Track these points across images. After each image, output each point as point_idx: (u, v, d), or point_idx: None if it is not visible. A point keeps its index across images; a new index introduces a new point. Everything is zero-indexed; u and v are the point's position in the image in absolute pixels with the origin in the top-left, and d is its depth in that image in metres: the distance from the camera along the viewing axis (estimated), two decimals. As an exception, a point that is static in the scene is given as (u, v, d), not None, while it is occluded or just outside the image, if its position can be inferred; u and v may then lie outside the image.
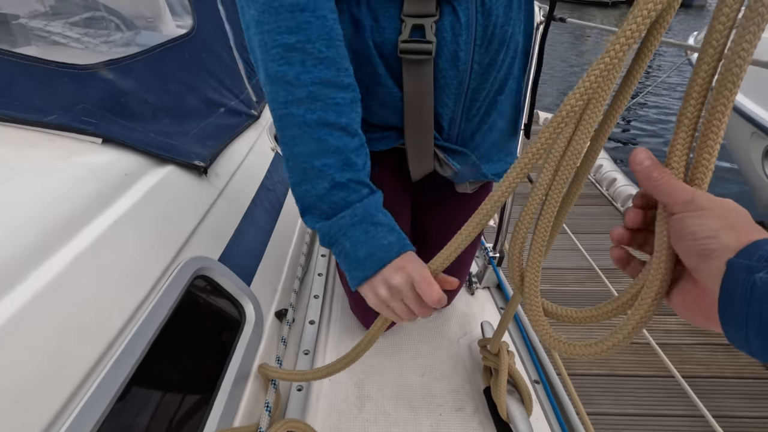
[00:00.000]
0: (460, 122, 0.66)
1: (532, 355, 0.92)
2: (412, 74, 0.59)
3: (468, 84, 0.61)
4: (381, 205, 0.57)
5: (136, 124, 0.84)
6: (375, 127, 0.69)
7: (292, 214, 1.19)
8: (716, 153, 0.36)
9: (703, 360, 1.83)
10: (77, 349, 0.53)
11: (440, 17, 0.56)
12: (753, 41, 0.31)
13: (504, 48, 0.61)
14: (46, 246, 0.55)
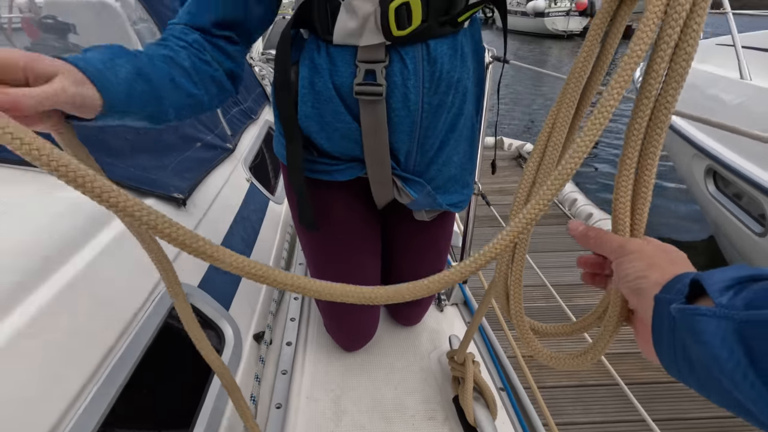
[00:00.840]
0: (416, 156, 0.75)
1: (497, 365, 0.99)
2: (367, 112, 0.68)
3: (420, 122, 0.70)
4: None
5: (116, 160, 0.89)
6: (340, 159, 0.76)
7: (267, 240, 1.24)
8: (649, 198, 0.43)
9: (661, 367, 1.94)
10: (66, 373, 0.56)
11: (389, 63, 0.65)
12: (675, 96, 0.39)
13: (452, 91, 0.70)
14: (33, 278, 0.59)
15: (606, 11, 0.44)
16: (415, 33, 0.62)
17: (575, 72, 0.47)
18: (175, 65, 0.54)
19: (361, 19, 0.61)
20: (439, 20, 0.63)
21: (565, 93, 0.49)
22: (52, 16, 1.44)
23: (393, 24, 0.60)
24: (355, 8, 0.60)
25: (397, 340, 1.06)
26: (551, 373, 1.90)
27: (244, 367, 0.85)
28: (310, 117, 0.71)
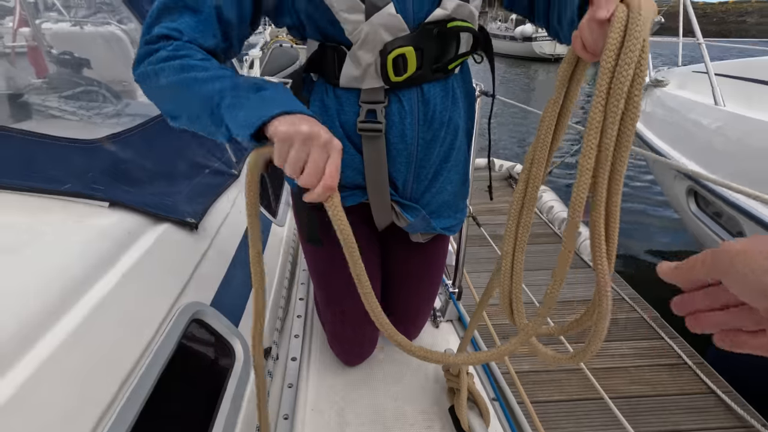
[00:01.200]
0: (412, 184, 0.83)
1: (489, 377, 1.05)
2: (369, 146, 0.77)
3: (416, 155, 0.79)
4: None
5: (136, 188, 0.96)
6: (345, 187, 0.85)
7: (271, 260, 1.31)
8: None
9: (650, 380, 2.01)
10: (95, 388, 0.62)
11: (388, 104, 0.74)
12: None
13: (444, 128, 0.79)
14: (66, 299, 0.65)
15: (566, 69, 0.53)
16: (411, 78, 0.71)
17: (546, 118, 0.56)
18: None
19: (363, 67, 0.70)
20: (432, 67, 0.73)
21: (539, 134, 0.58)
22: (69, 52, 1.53)
23: (391, 71, 0.69)
24: (358, 58, 0.69)
25: (394, 356, 1.12)
26: (543, 388, 1.96)
27: (254, 380, 0.91)
28: None
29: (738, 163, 2.33)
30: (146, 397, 0.68)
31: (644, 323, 2.39)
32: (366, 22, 0.65)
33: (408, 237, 0.95)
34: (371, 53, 0.68)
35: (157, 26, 0.64)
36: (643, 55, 0.43)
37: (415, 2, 0.67)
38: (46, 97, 1.29)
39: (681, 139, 2.96)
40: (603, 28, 0.45)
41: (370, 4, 0.64)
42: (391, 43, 0.66)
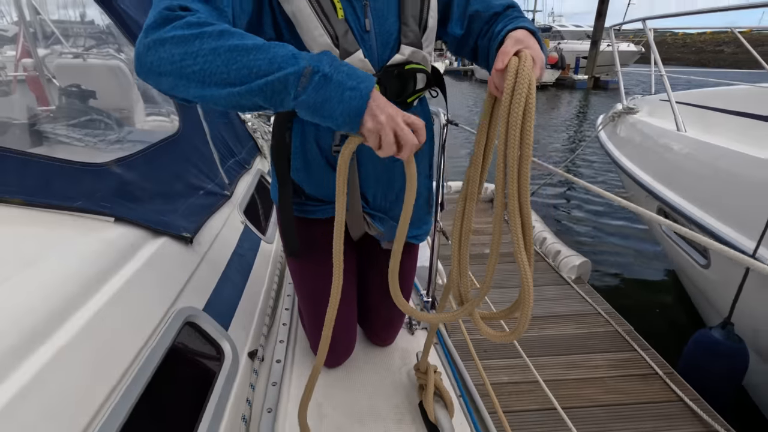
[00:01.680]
0: (381, 199, 0.96)
1: (455, 375, 1.16)
2: None
3: (382, 173, 0.92)
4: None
5: (138, 205, 1.08)
6: (322, 201, 0.98)
7: (259, 274, 1.42)
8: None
9: (623, 390, 2.10)
10: (95, 382, 0.71)
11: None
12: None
13: None
14: (74, 302, 0.75)
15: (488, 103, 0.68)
16: None
17: (475, 161, 0.72)
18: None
19: None
20: (394, 101, 0.87)
21: (470, 175, 0.73)
22: (77, 84, 1.67)
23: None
24: None
25: (372, 357, 1.23)
26: (519, 398, 2.04)
27: (240, 377, 1.00)
28: (300, 170, 0.93)
29: (696, 183, 2.50)
30: (140, 392, 0.77)
31: (619, 336, 2.50)
32: None
33: (379, 244, 1.07)
34: None
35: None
36: (531, 92, 0.59)
37: (379, 49, 0.81)
38: (55, 125, 1.42)
39: (648, 161, 3.15)
40: (503, 75, 0.60)
41: (343, 50, 0.77)
42: None
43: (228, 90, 0.59)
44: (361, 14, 0.79)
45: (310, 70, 0.58)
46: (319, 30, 0.75)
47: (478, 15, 0.87)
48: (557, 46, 25.14)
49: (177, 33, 0.58)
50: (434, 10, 0.84)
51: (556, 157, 8.52)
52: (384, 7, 0.80)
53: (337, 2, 0.76)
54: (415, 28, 0.82)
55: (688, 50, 44.89)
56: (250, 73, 0.58)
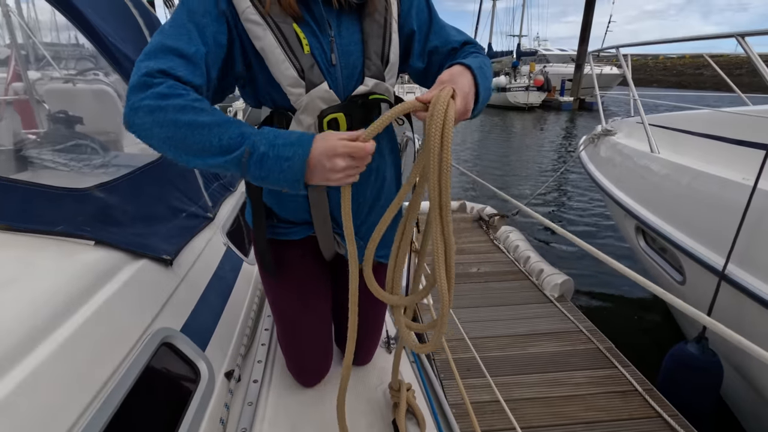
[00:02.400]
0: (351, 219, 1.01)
1: (428, 392, 1.18)
2: (312, 190, 0.95)
3: (351, 194, 0.97)
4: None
5: (119, 228, 1.11)
6: (294, 223, 1.02)
7: (240, 295, 1.45)
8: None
9: (603, 407, 2.13)
10: (69, 402, 0.73)
11: None
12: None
13: (372, 174, 0.98)
14: (52, 322, 0.77)
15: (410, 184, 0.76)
16: None
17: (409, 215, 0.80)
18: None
19: (305, 127, 0.89)
20: (359, 128, 0.92)
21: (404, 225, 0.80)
22: (64, 111, 1.72)
23: (326, 129, 0.89)
24: (301, 120, 0.88)
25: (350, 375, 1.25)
26: (501, 417, 2.05)
27: (216, 398, 1.02)
28: (272, 195, 0.98)
29: (670, 203, 2.59)
30: (114, 412, 0.78)
31: (600, 353, 2.53)
32: (306, 94, 0.84)
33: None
34: (311, 117, 0.87)
35: (153, 60, 0.71)
36: (446, 126, 0.68)
37: (344, 81, 0.87)
38: (41, 151, 1.45)
39: (625, 181, 3.25)
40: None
41: (309, 81, 0.83)
42: (325, 110, 0.86)
43: (193, 159, 0.71)
44: (328, 49, 0.85)
45: (249, 152, 0.69)
46: (286, 64, 0.81)
47: (437, 50, 0.95)
48: (543, 70, 25.86)
49: (148, 103, 0.69)
50: (395, 46, 0.91)
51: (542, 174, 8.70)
52: (349, 43, 0.87)
53: (303, 39, 0.82)
54: (377, 62, 0.88)
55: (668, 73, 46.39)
56: (203, 148, 0.70)
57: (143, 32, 1.68)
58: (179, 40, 0.74)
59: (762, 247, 1.89)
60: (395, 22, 0.91)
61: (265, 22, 0.80)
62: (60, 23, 2.60)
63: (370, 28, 0.87)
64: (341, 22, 0.86)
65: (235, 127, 0.70)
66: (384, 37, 0.88)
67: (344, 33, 0.86)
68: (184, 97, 0.70)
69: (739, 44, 2.01)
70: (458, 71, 0.78)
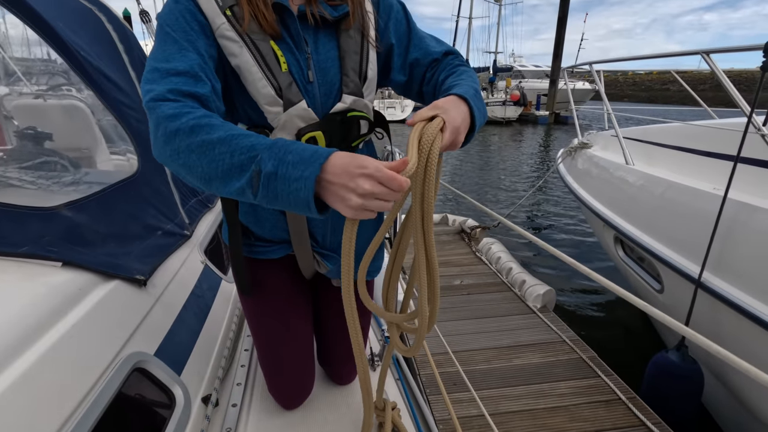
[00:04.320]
0: (330, 236, 0.99)
1: (413, 411, 1.16)
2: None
3: (330, 213, 0.95)
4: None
5: (89, 249, 1.06)
6: (272, 242, 0.99)
7: (219, 314, 1.40)
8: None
9: (588, 417, 2.13)
10: (37, 428, 0.69)
11: None
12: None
13: None
14: (15, 348, 0.73)
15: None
16: None
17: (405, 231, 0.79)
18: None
19: None
20: (340, 146, 0.91)
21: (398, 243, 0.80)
22: (32, 127, 1.66)
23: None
24: (278, 137, 0.86)
25: (332, 397, 1.21)
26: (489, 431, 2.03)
27: (192, 425, 0.97)
28: (249, 213, 0.95)
29: (646, 212, 2.66)
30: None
31: (583, 363, 2.54)
32: (284, 113, 0.83)
33: (329, 282, 1.09)
34: (289, 135, 0.85)
35: (154, 84, 0.69)
36: (432, 153, 0.68)
37: (322, 98, 0.86)
38: (6, 168, 1.39)
39: (602, 192, 3.33)
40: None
41: (287, 99, 0.82)
42: (304, 128, 0.84)
43: (219, 186, 0.65)
44: (305, 66, 0.84)
45: (258, 172, 0.62)
46: (263, 82, 0.79)
47: (418, 62, 0.95)
48: (519, 85, 26.58)
49: (161, 132, 0.65)
50: (373, 62, 0.90)
51: (521, 186, 8.85)
52: (326, 59, 0.86)
53: (281, 56, 0.81)
54: (355, 79, 0.87)
55: (638, 88, 48.27)
56: (220, 170, 0.63)
57: (118, 48, 1.65)
58: (172, 59, 0.72)
59: (735, 254, 1.94)
60: (372, 37, 0.90)
61: (242, 39, 0.78)
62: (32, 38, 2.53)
63: (347, 45, 0.87)
64: (318, 39, 0.86)
65: (245, 139, 0.64)
66: (361, 53, 0.88)
67: (321, 50, 0.86)
68: (192, 115, 0.65)
69: (704, 60, 2.10)
70: (453, 102, 0.76)
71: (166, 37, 0.75)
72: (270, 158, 0.61)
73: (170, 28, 0.75)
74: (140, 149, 1.55)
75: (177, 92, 0.68)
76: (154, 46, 0.77)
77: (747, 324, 1.82)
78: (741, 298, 1.85)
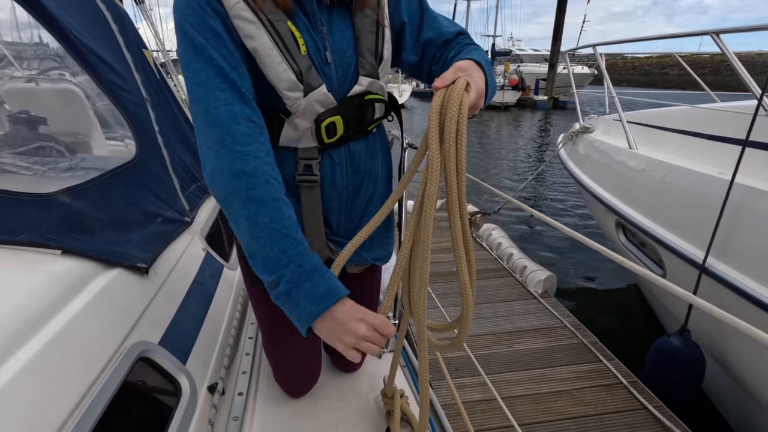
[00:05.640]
0: (344, 223, 0.96)
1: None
2: (306, 194, 0.89)
3: (345, 200, 0.93)
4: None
5: (89, 236, 1.03)
6: None
7: (222, 302, 1.38)
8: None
9: (590, 401, 2.15)
10: (42, 419, 0.67)
11: (321, 159, 0.88)
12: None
13: (367, 177, 0.94)
14: (17, 339, 0.71)
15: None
16: (339, 139, 0.87)
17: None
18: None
19: (301, 131, 0.84)
20: (355, 129, 0.88)
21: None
22: (26, 111, 1.61)
23: (324, 135, 0.84)
24: (296, 124, 0.83)
25: (338, 385, 1.20)
26: (492, 416, 2.05)
27: (199, 414, 0.96)
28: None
29: (650, 198, 2.64)
30: (93, 426, 0.73)
31: (584, 348, 2.56)
32: (304, 98, 0.80)
33: (344, 270, 1.07)
34: (308, 121, 0.83)
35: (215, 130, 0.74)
36: (462, 113, 0.65)
37: (339, 80, 0.83)
38: (0, 154, 1.35)
39: (604, 177, 3.31)
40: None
41: (307, 84, 0.79)
42: (323, 113, 0.82)
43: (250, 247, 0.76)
44: (321, 47, 0.80)
45: (276, 282, 0.74)
46: (283, 66, 0.76)
47: (431, 42, 0.91)
48: (517, 69, 26.30)
49: (221, 187, 0.77)
50: (389, 42, 0.87)
51: (521, 172, 8.82)
52: (341, 39, 0.82)
53: (299, 38, 0.77)
54: (371, 60, 0.84)
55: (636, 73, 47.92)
56: (252, 245, 0.75)
57: (112, 28, 1.59)
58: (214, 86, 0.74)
59: (741, 239, 1.93)
60: (386, 16, 0.87)
61: (258, 19, 0.74)
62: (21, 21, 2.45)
63: (362, 24, 0.83)
64: (332, 18, 0.82)
65: (280, 241, 0.74)
66: (377, 32, 0.85)
67: (335, 30, 0.82)
68: (259, 182, 0.75)
69: (714, 41, 2.05)
70: (473, 65, 0.75)
71: (199, 52, 0.73)
72: (289, 281, 0.73)
73: (197, 33, 0.73)
74: (138, 134, 1.51)
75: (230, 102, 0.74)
76: (186, 58, 0.74)
77: (752, 309, 1.82)
78: (746, 283, 1.85)
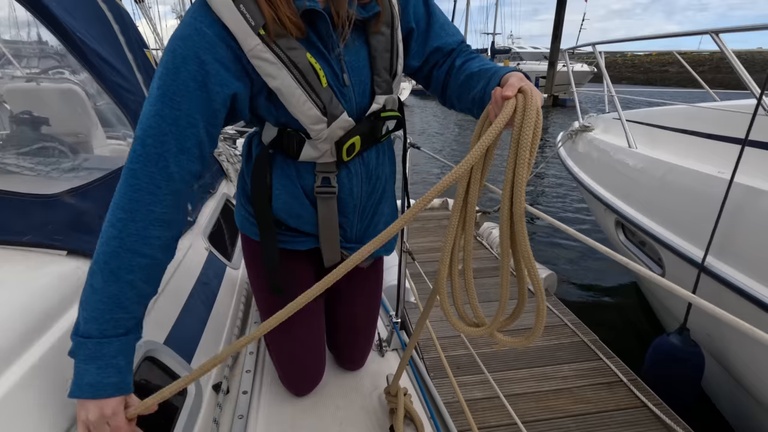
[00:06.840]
0: (356, 225, 0.99)
1: (425, 397, 1.16)
2: (323, 204, 0.92)
3: (359, 204, 0.95)
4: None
5: (93, 236, 1.03)
6: (301, 233, 0.98)
7: (225, 302, 1.39)
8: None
9: (591, 399, 2.16)
10: (49, 418, 0.68)
11: (338, 171, 0.90)
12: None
13: (378, 181, 0.97)
14: (26, 338, 0.72)
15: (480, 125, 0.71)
16: (356, 153, 0.89)
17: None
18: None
19: (321, 152, 0.86)
20: (369, 143, 0.91)
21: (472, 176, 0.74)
22: (28, 111, 1.61)
23: (344, 154, 0.87)
24: (317, 146, 0.85)
25: (342, 383, 1.21)
26: (494, 413, 2.06)
27: (204, 413, 0.97)
28: (282, 209, 0.93)
29: (649, 197, 2.65)
30: None
31: (585, 346, 2.57)
32: (328, 128, 0.82)
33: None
34: (328, 144, 0.85)
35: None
36: (539, 118, 0.64)
37: (357, 102, 0.85)
38: (4, 154, 1.35)
39: (604, 176, 3.31)
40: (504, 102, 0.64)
41: (331, 115, 0.81)
42: (343, 137, 0.84)
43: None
44: (339, 70, 0.81)
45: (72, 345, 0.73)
46: (309, 104, 0.78)
47: (438, 50, 0.93)
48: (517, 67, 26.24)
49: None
50: (401, 56, 0.88)
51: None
52: (357, 59, 0.83)
53: (319, 70, 0.78)
54: (386, 77, 0.86)
55: (636, 70, 47.87)
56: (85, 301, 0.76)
57: (113, 28, 1.59)
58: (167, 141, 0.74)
59: (740, 238, 1.94)
60: (399, 30, 0.87)
61: (279, 59, 0.74)
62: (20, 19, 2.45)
63: (378, 43, 0.84)
64: (347, 37, 0.82)
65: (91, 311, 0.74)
66: (392, 50, 0.86)
67: (351, 49, 0.83)
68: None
69: (714, 40, 2.06)
70: (522, 77, 0.73)
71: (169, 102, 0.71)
72: (77, 351, 0.73)
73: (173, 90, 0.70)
74: (140, 134, 1.51)
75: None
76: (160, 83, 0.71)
77: (751, 309, 1.83)
78: (745, 283, 1.86)
